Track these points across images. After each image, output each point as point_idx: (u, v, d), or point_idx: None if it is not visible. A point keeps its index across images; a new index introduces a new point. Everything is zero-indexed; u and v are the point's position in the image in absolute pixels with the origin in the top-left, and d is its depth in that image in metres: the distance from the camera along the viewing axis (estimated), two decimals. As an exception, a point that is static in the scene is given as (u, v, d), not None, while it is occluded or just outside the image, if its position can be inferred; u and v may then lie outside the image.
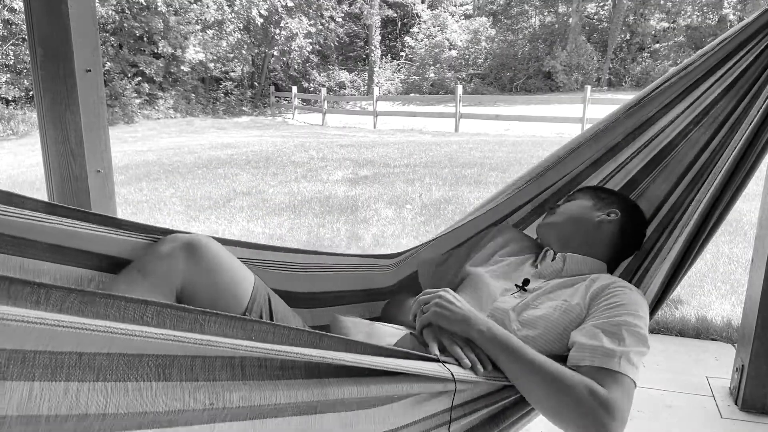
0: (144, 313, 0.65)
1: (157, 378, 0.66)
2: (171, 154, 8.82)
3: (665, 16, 24.79)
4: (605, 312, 1.10)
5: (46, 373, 0.58)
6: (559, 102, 14.94)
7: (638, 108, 1.48)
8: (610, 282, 1.19)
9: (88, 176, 1.90)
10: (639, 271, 1.43)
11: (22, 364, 0.57)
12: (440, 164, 7.46)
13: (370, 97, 16.54)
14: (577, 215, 1.37)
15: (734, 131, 1.42)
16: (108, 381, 0.62)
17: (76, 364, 0.60)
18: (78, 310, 0.60)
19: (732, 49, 1.40)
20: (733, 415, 1.96)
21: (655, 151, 1.52)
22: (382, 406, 0.86)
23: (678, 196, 1.48)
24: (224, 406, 0.70)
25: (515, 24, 27.26)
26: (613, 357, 1.00)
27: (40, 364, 0.58)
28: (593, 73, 23.03)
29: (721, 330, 2.57)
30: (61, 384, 0.59)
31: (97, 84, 1.89)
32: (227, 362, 0.71)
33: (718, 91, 1.45)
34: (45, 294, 0.58)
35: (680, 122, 1.49)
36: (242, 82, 21.61)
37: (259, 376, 0.74)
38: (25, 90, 14.97)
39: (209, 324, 0.69)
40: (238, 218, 4.88)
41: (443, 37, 24.49)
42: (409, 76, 25.36)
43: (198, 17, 18.62)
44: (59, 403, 0.59)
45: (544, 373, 0.97)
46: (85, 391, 0.60)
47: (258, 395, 0.73)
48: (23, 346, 0.57)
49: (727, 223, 4.51)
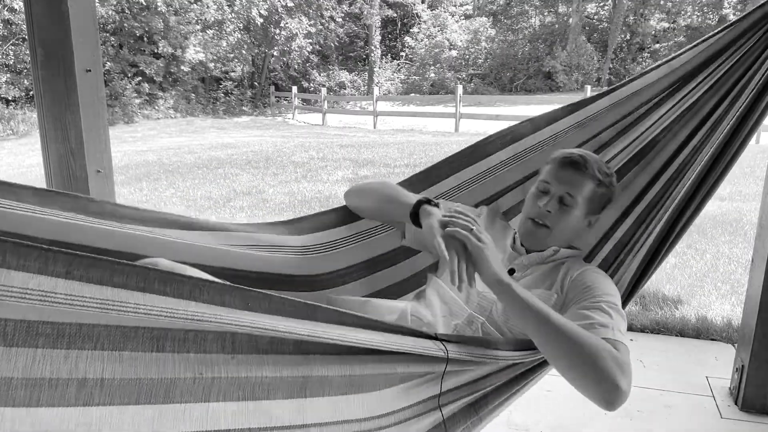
0: (146, 276, 0.66)
1: (151, 349, 0.70)
2: (171, 154, 8.82)
3: (665, 16, 24.78)
4: (584, 295, 1.17)
5: (48, 341, 0.63)
6: (559, 102, 14.87)
7: (625, 100, 1.50)
8: (584, 269, 1.27)
9: (88, 176, 1.90)
10: (615, 262, 1.47)
11: (27, 333, 0.62)
12: (440, 164, 7.45)
13: (370, 97, 16.54)
14: (572, 230, 1.33)
15: (715, 129, 1.46)
16: (105, 350, 0.67)
17: (77, 333, 0.65)
18: (81, 276, 0.62)
19: (719, 47, 1.44)
20: (733, 415, 1.96)
21: (640, 146, 1.54)
22: (372, 392, 0.89)
23: (657, 191, 1.50)
24: (212, 376, 0.73)
25: (515, 24, 27.25)
26: (608, 328, 1.06)
27: (43, 333, 0.63)
28: (593, 73, 23.02)
29: (721, 330, 2.57)
30: (62, 351, 0.64)
31: (97, 84, 1.89)
32: (218, 336, 0.75)
33: (704, 88, 1.48)
34: (53, 257, 0.60)
35: (666, 118, 1.51)
36: (242, 82, 21.60)
37: (248, 349, 0.77)
38: (25, 90, 14.97)
39: (206, 292, 0.70)
40: (238, 218, 4.88)
41: (443, 37, 24.47)
42: (409, 76, 25.35)
43: (198, 17, 18.61)
44: (59, 367, 0.64)
45: (569, 335, 1.00)
46: (84, 358, 0.65)
47: (245, 368, 0.76)
48: (26, 316, 0.61)
49: (726, 223, 4.51)
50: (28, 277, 0.58)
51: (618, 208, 1.52)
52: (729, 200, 5.40)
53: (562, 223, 1.29)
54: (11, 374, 0.61)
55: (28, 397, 0.62)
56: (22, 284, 0.58)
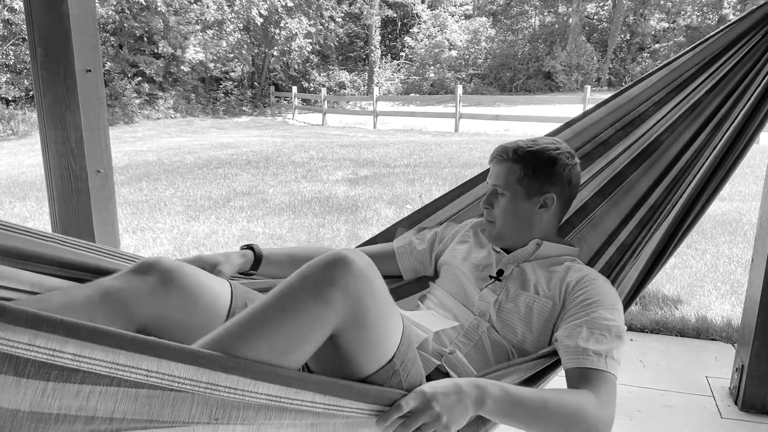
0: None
1: (171, 388, 0.67)
2: (171, 154, 8.82)
3: (665, 16, 24.77)
4: (584, 309, 1.17)
5: (62, 375, 0.60)
6: (559, 102, 14.93)
7: (629, 102, 1.50)
8: (583, 275, 1.25)
9: (88, 176, 1.90)
10: (619, 264, 1.47)
11: (39, 366, 0.59)
12: (440, 164, 7.46)
13: (370, 97, 16.54)
14: (518, 217, 1.31)
15: (718, 131, 1.45)
16: (121, 386, 0.63)
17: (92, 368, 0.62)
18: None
19: (722, 46, 1.44)
20: (733, 415, 1.96)
21: (643, 145, 1.54)
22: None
23: (660, 193, 1.50)
24: (228, 422, 0.72)
25: (515, 24, 27.25)
26: (599, 357, 1.08)
27: (57, 365, 0.59)
28: (593, 73, 23.02)
29: (721, 330, 2.57)
30: (74, 386, 0.61)
31: (97, 84, 1.89)
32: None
33: (707, 87, 1.48)
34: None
35: (670, 118, 1.51)
36: (242, 82, 21.60)
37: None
38: (25, 90, 14.97)
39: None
40: (238, 218, 4.89)
41: (443, 37, 24.46)
42: (409, 76, 25.34)
43: (198, 17, 18.61)
44: (69, 404, 0.61)
45: (550, 411, 1.01)
46: (96, 395, 0.62)
47: (254, 413, 0.75)
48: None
49: (726, 223, 4.51)
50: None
51: (621, 211, 1.52)
52: (729, 200, 5.40)
53: (500, 212, 1.31)
54: (18, 406, 0.58)
55: (33, 429, 0.60)
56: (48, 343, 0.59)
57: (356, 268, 0.88)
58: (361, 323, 0.89)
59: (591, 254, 1.50)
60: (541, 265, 1.30)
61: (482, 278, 1.33)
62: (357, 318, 0.88)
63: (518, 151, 1.29)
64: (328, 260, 0.88)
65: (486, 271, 1.34)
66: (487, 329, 1.25)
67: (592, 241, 1.51)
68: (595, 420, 1.01)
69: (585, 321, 1.14)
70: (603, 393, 1.05)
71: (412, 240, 1.53)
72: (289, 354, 0.85)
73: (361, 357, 0.92)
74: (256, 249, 1.38)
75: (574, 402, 1.02)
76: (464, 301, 1.32)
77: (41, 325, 0.58)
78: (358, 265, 0.89)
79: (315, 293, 0.86)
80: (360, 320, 0.89)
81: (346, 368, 0.92)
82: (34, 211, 5.15)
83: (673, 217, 1.35)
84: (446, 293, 1.37)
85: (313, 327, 0.86)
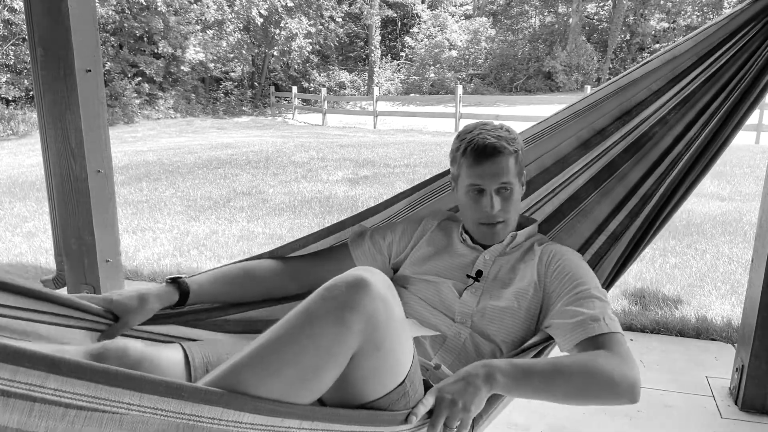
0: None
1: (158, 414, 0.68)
2: (171, 154, 8.82)
3: (665, 16, 24.77)
4: (567, 286, 1.18)
5: (45, 406, 0.62)
6: (559, 102, 14.92)
7: (628, 87, 1.50)
8: (551, 256, 1.27)
9: (88, 176, 1.90)
10: (607, 254, 1.50)
11: (23, 396, 0.60)
12: (440, 164, 7.46)
13: (370, 97, 16.54)
14: (519, 206, 1.34)
15: (709, 124, 1.48)
16: (106, 412, 0.65)
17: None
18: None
19: (720, 39, 1.45)
20: (733, 415, 1.96)
21: (637, 135, 1.55)
22: None
23: (651, 184, 1.52)
24: None
25: (515, 24, 27.24)
26: (597, 322, 1.08)
27: (39, 398, 0.61)
28: (593, 74, 23.01)
29: (721, 330, 2.57)
30: (60, 409, 0.62)
31: (97, 84, 1.89)
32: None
33: (700, 81, 1.49)
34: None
35: (663, 110, 1.52)
36: (242, 82, 21.60)
37: None
38: (25, 90, 14.97)
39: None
40: (238, 218, 4.89)
41: (443, 37, 24.46)
42: (409, 76, 25.34)
43: (198, 17, 18.60)
44: (55, 425, 0.62)
45: (565, 374, 0.99)
46: (82, 418, 0.64)
47: None
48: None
49: (726, 223, 4.51)
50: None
51: (612, 201, 1.52)
52: (729, 200, 5.39)
53: (512, 209, 1.30)
54: (6, 423, 0.60)
55: None
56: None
57: (375, 291, 0.86)
58: (379, 346, 0.87)
59: (581, 243, 1.51)
60: (517, 258, 1.31)
61: (460, 279, 1.30)
62: (375, 341, 0.86)
63: (509, 141, 1.27)
64: (348, 283, 0.86)
65: (463, 271, 1.31)
66: (469, 335, 1.23)
67: (582, 230, 1.52)
68: (620, 374, 0.98)
69: (569, 299, 1.15)
70: (617, 350, 1.03)
71: (370, 246, 1.47)
72: (308, 382, 0.83)
73: (373, 380, 0.89)
74: (182, 282, 1.24)
75: (589, 360, 1.00)
76: (441, 307, 1.28)
77: (22, 360, 0.59)
78: (378, 288, 0.86)
79: (335, 318, 0.83)
80: (378, 343, 0.86)
81: (355, 392, 0.89)
82: (34, 211, 5.15)
83: (652, 205, 1.41)
84: (421, 301, 1.31)
85: (336, 352, 0.84)
